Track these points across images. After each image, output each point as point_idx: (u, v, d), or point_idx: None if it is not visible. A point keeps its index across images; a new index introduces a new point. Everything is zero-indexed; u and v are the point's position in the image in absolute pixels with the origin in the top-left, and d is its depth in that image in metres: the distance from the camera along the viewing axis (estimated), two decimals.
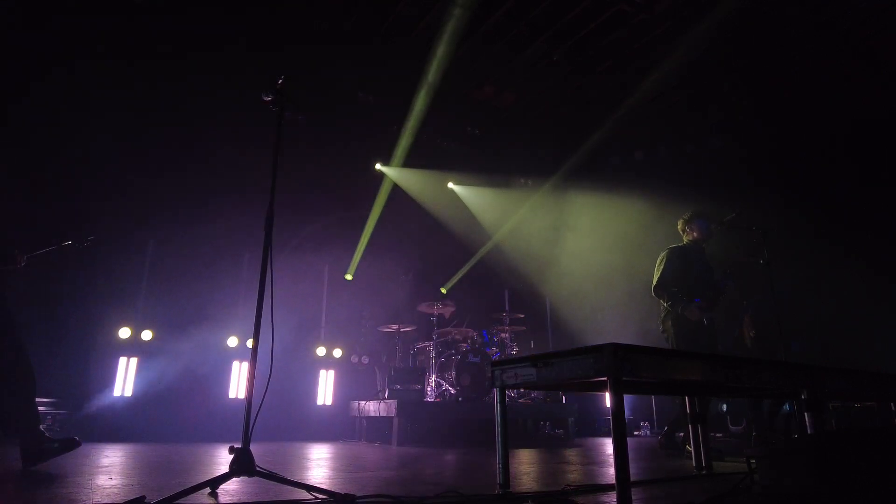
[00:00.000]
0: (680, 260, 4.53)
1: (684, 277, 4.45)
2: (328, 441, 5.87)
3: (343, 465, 3.45)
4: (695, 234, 4.62)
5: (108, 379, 5.74)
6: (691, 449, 3.24)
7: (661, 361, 2.01)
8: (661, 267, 4.53)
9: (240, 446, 2.15)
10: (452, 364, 6.31)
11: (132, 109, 5.83)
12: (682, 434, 4.36)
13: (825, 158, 7.23)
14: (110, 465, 3.19)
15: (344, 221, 7.94)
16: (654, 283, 4.51)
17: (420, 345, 6.91)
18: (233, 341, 6.42)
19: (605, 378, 1.87)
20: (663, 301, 4.47)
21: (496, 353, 6.75)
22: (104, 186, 5.84)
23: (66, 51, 5.42)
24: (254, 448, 2.17)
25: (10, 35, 5.19)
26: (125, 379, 5.80)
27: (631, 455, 1.82)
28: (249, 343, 2.36)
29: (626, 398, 1.90)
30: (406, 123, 7.25)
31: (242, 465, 2.10)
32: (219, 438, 5.44)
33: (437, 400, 6.18)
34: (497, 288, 8.85)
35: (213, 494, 2.07)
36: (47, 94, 5.40)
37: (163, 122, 6.01)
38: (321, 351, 7.00)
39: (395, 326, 6.87)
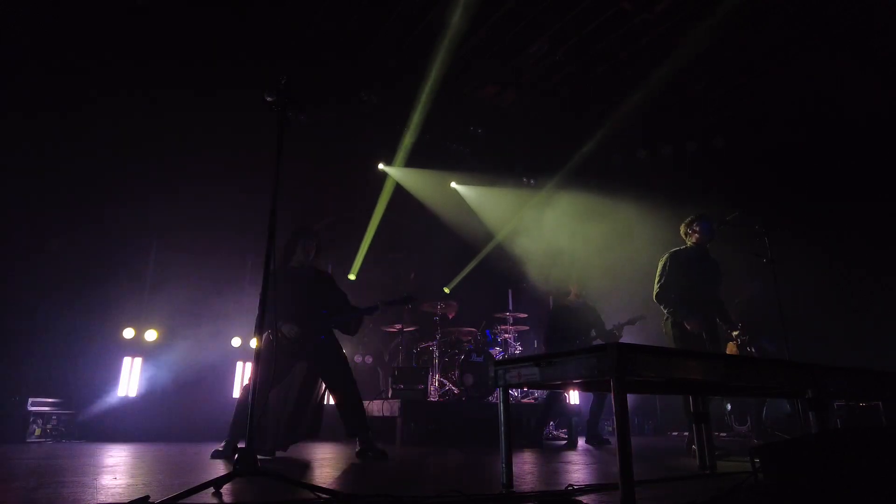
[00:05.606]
0: (680, 264, 4.50)
1: (685, 282, 4.43)
2: (331, 441, 5.86)
3: (346, 465, 3.45)
4: (697, 235, 4.55)
5: (113, 379, 5.77)
6: (695, 447, 3.24)
7: (664, 361, 2.01)
8: (663, 273, 4.50)
9: (243, 446, 2.16)
10: (456, 363, 6.30)
11: (135, 109, 5.85)
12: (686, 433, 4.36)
13: (826, 158, 7.20)
14: (114, 465, 3.20)
15: (347, 221, 7.94)
16: (656, 290, 4.50)
17: (423, 344, 6.91)
18: (236, 341, 6.44)
19: (608, 378, 1.88)
20: (664, 308, 4.48)
21: (499, 352, 6.74)
22: (109, 187, 5.86)
23: (67, 51, 5.44)
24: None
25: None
26: (129, 379, 5.83)
27: (634, 454, 1.81)
28: (253, 343, 2.36)
29: (630, 397, 1.90)
30: (408, 123, 7.25)
31: (246, 464, 2.10)
32: (223, 438, 5.44)
33: (441, 400, 6.18)
34: (500, 287, 8.84)
35: (217, 494, 2.07)
36: (50, 96, 5.43)
37: (165, 122, 6.03)
38: None
39: (398, 326, 6.87)
